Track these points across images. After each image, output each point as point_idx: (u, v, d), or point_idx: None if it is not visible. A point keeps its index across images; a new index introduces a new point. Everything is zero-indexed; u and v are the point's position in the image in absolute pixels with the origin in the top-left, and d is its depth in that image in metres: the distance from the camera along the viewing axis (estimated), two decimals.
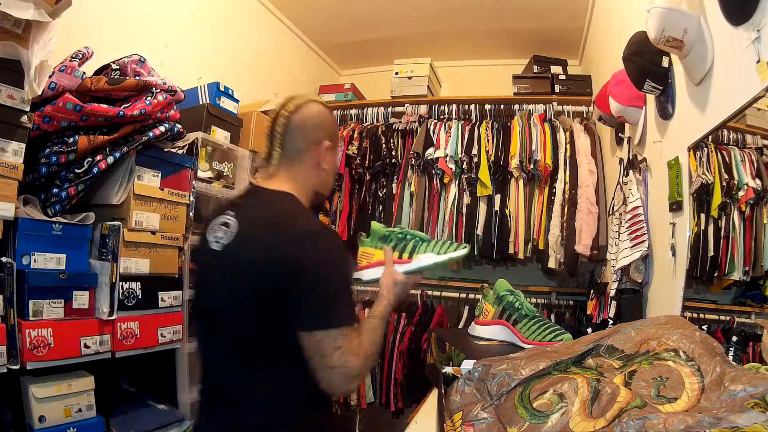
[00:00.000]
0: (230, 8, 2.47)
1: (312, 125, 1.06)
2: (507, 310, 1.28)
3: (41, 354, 1.22)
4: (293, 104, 1.06)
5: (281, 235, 0.92)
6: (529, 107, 2.77)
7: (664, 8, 1.11)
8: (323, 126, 1.07)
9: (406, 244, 1.09)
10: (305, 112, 1.05)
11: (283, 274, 0.89)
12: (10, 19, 1.13)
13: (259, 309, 0.92)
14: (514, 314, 1.27)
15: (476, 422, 0.74)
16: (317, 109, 1.07)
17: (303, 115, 1.05)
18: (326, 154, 1.07)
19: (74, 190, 1.36)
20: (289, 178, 1.04)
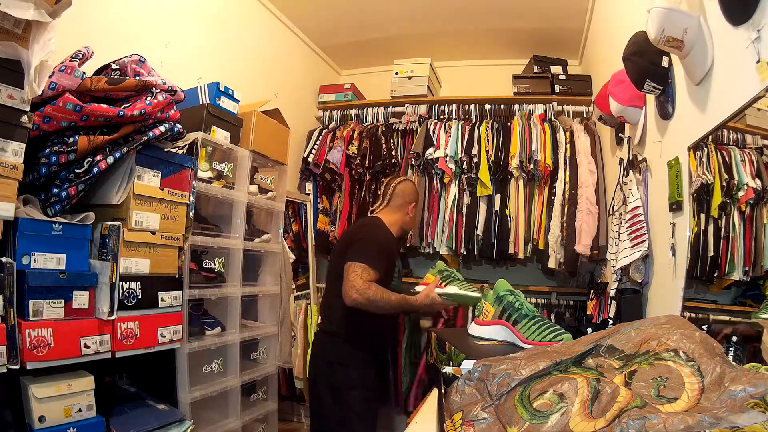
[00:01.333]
0: (230, 8, 2.47)
1: (406, 194, 2.03)
2: (507, 310, 1.28)
3: (41, 354, 1.22)
4: (398, 179, 2.08)
5: (361, 227, 1.98)
6: (529, 107, 2.77)
7: (664, 8, 1.11)
8: (409, 195, 2.03)
9: (448, 278, 1.75)
10: (402, 187, 2.03)
11: (352, 240, 1.82)
12: (10, 19, 1.13)
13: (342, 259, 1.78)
14: (514, 314, 1.27)
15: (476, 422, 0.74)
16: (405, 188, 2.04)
17: (401, 189, 2.03)
18: (411, 210, 2.03)
19: (74, 190, 1.36)
20: (386, 214, 1.99)
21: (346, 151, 2.90)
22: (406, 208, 1.99)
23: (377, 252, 1.74)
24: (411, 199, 2.01)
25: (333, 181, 2.98)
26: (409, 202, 2.00)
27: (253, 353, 2.14)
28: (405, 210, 1.99)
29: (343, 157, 2.89)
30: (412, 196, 2.02)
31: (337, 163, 2.88)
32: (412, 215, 2.02)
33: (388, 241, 1.86)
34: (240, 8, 2.56)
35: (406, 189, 2.01)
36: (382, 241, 1.82)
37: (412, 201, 2.01)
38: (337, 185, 2.99)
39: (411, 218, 2.02)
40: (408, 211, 2.00)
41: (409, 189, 2.02)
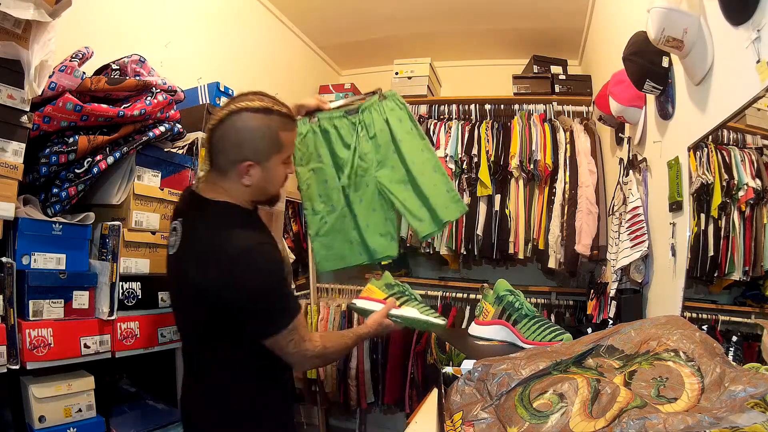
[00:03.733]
0: (230, 8, 2.47)
1: (233, 143, 1.08)
2: (507, 310, 1.28)
3: (41, 354, 1.22)
4: (217, 116, 1.08)
5: (215, 259, 1.04)
6: (529, 107, 2.77)
7: (664, 8, 1.11)
8: (247, 143, 1.07)
9: (402, 296, 1.39)
10: (225, 128, 1.07)
11: (220, 296, 1.04)
12: (10, 19, 1.13)
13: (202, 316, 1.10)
14: (514, 314, 1.27)
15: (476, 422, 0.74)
16: (239, 124, 1.06)
17: (222, 132, 1.07)
18: (251, 172, 1.09)
19: (74, 190, 1.36)
20: (224, 189, 1.12)
21: None
22: (238, 171, 1.08)
23: (282, 293, 1.08)
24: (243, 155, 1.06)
25: None
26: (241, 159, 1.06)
27: None
28: (237, 176, 1.08)
29: None
30: (245, 146, 1.06)
31: None
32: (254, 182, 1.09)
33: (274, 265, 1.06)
34: (240, 8, 2.55)
35: (229, 135, 1.05)
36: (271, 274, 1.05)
37: (245, 157, 1.06)
38: None
39: (256, 187, 1.11)
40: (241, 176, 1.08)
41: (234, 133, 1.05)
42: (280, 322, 1.06)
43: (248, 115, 1.06)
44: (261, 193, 1.15)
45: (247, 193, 1.13)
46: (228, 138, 1.07)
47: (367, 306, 1.39)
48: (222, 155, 1.09)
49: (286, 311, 1.08)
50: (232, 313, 1.05)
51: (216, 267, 1.03)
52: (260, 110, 1.06)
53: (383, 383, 2.72)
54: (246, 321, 1.06)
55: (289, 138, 1.13)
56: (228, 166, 1.09)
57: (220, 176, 1.11)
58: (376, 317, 1.33)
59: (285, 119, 1.11)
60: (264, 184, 1.13)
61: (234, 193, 1.11)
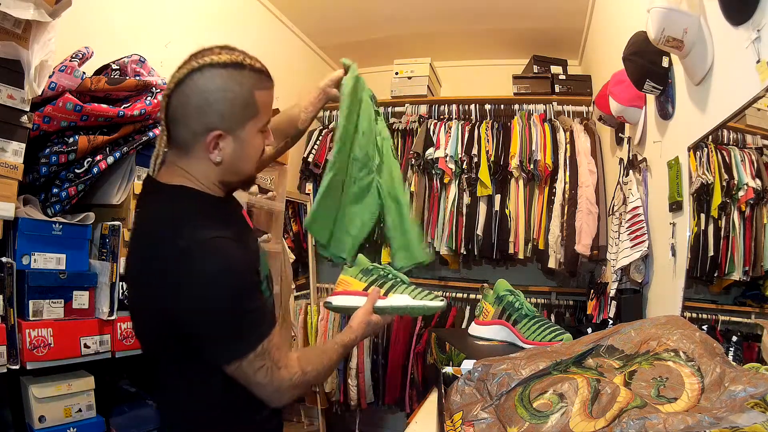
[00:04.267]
0: (230, 8, 2.47)
1: (195, 110, 0.81)
2: (507, 310, 1.28)
3: (41, 354, 1.22)
4: (174, 78, 0.81)
5: (155, 259, 0.81)
6: (529, 107, 2.77)
7: (664, 8, 1.11)
8: (213, 108, 0.81)
9: (386, 281, 1.11)
10: (185, 90, 0.81)
11: (164, 307, 0.81)
12: (10, 19, 1.13)
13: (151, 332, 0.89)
14: (514, 314, 1.27)
15: (476, 422, 0.74)
16: (202, 85, 0.80)
17: (181, 97, 0.81)
18: (221, 145, 0.84)
19: (74, 190, 1.36)
20: (184, 170, 0.86)
21: None
22: (203, 144, 0.83)
23: (243, 310, 0.81)
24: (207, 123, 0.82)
25: None
26: (205, 129, 0.82)
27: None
28: (201, 150, 0.84)
29: None
30: (210, 111, 0.82)
31: None
32: (225, 157, 0.85)
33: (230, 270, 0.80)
34: (240, 8, 2.55)
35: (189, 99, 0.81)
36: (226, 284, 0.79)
37: (211, 126, 0.82)
38: None
39: (227, 163, 0.86)
40: (208, 150, 0.84)
41: (196, 95, 0.81)
42: (241, 345, 0.80)
43: (213, 72, 0.80)
44: (233, 172, 0.89)
45: (215, 173, 0.87)
46: (189, 104, 0.81)
47: (345, 303, 1.10)
48: (182, 127, 0.83)
49: (251, 329, 0.81)
50: (180, 331, 0.81)
51: (156, 270, 0.81)
52: (229, 65, 0.81)
53: (383, 383, 2.72)
54: (198, 342, 0.81)
55: (265, 99, 0.87)
56: (190, 141, 0.83)
57: (180, 155, 0.86)
58: (359, 316, 1.04)
59: (260, 75, 0.85)
60: (237, 159, 0.87)
61: (197, 173, 0.86)
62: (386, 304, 1.08)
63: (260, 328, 0.83)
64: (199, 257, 0.78)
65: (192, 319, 0.80)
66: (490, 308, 1.33)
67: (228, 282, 0.79)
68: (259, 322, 0.83)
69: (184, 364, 0.86)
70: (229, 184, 0.92)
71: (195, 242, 0.78)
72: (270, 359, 0.82)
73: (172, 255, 0.79)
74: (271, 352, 0.83)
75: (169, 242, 0.80)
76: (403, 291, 1.10)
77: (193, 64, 0.81)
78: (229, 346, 0.81)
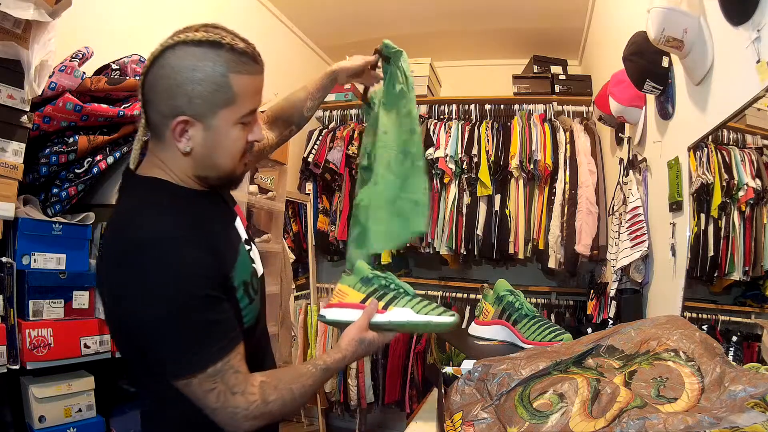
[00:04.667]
0: (230, 8, 2.47)
1: (163, 90, 0.73)
2: (507, 310, 1.28)
3: (41, 354, 1.22)
4: (152, 54, 0.73)
5: (107, 256, 0.74)
6: (529, 107, 2.77)
7: (664, 8, 1.11)
8: (180, 89, 0.72)
9: (387, 293, 0.95)
10: (156, 69, 0.72)
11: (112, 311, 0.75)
12: (10, 19, 1.13)
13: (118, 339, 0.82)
14: (514, 314, 1.27)
15: (476, 422, 0.74)
16: (173, 62, 0.72)
17: (153, 74, 0.73)
18: (189, 133, 0.74)
19: (74, 190, 1.36)
20: (160, 160, 0.79)
21: (346, 151, 2.90)
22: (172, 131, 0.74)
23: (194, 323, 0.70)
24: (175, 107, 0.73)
25: (333, 181, 2.98)
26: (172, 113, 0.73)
27: None
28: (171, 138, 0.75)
29: (343, 157, 2.89)
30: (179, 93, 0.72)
31: (338, 163, 2.88)
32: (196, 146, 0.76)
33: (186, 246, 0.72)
34: (240, 8, 2.56)
35: (159, 80, 0.73)
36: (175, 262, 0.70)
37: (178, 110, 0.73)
38: (337, 185, 2.99)
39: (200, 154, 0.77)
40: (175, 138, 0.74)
41: (166, 76, 0.72)
42: (188, 362, 0.69)
43: (186, 49, 0.72)
44: (207, 166, 0.78)
45: (189, 166, 0.78)
46: (158, 84, 0.73)
47: (340, 317, 0.95)
48: (153, 109, 0.75)
49: (201, 346, 0.70)
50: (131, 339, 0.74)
51: (106, 268, 0.73)
52: (204, 43, 0.72)
53: (383, 383, 2.72)
54: (149, 356, 0.73)
55: (245, 85, 0.75)
56: (161, 126, 0.75)
57: (157, 143, 0.78)
58: (351, 333, 0.88)
59: (242, 57, 0.74)
60: (209, 151, 0.76)
61: (172, 165, 0.78)
62: (385, 319, 0.92)
63: (214, 346, 0.71)
64: (145, 258, 0.69)
65: (134, 328, 0.71)
66: (490, 308, 1.33)
67: (174, 288, 0.68)
68: (214, 339, 0.71)
69: (152, 377, 0.76)
70: (206, 180, 0.80)
71: (143, 239, 0.70)
72: (224, 382, 0.71)
73: (118, 253, 0.71)
74: (226, 374, 0.71)
75: (119, 239, 0.73)
76: (406, 304, 0.93)
77: (168, 41, 0.73)
78: (175, 362, 0.70)
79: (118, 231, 0.75)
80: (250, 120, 0.78)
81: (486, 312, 1.34)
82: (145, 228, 0.71)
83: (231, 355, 0.72)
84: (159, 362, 0.73)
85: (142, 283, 0.68)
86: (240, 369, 0.73)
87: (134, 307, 0.70)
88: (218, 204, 0.87)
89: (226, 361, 0.71)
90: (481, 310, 1.36)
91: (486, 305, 1.35)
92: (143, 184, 0.78)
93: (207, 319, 0.71)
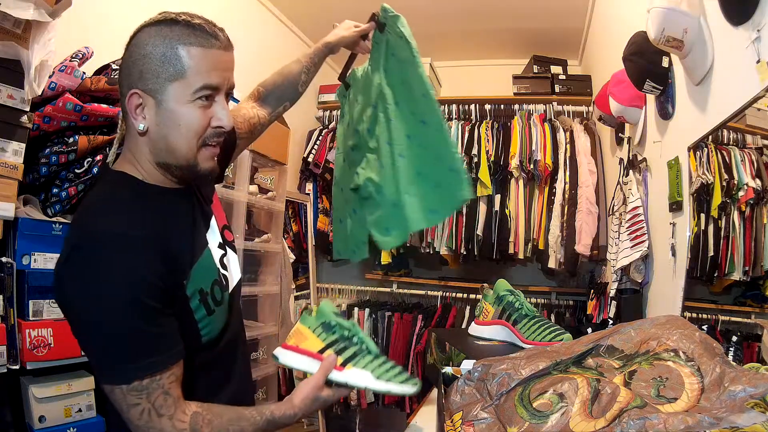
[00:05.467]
0: (230, 8, 2.47)
1: (122, 70, 0.74)
2: (507, 310, 1.28)
3: (41, 354, 1.22)
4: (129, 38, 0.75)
5: (62, 249, 0.70)
6: (529, 107, 2.77)
7: (664, 8, 1.11)
8: (134, 65, 0.72)
9: (348, 347, 0.86)
10: (125, 52, 0.74)
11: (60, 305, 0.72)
12: (10, 19, 1.13)
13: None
14: (514, 314, 1.27)
15: (476, 422, 0.74)
16: (132, 44, 0.73)
17: (123, 58, 0.74)
18: (143, 109, 0.72)
19: (74, 190, 1.36)
20: (129, 151, 0.77)
21: None
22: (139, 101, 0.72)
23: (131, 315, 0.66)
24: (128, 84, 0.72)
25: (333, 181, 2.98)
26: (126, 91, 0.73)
27: (253, 353, 2.14)
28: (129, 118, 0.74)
29: None
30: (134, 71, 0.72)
31: None
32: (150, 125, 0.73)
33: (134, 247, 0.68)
34: (240, 8, 2.55)
35: (124, 61, 0.74)
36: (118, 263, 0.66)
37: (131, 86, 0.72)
38: None
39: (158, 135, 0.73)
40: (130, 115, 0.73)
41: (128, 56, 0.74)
42: (113, 370, 0.66)
43: (145, 30, 0.73)
44: (164, 150, 0.74)
45: (148, 150, 0.74)
46: (121, 67, 0.74)
47: (294, 364, 0.87)
48: (120, 93, 0.75)
49: (129, 356, 0.66)
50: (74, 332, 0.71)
51: (58, 260, 0.70)
52: (161, 21, 0.73)
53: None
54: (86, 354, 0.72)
55: (198, 57, 0.72)
56: (124, 108, 0.74)
57: (127, 131, 0.77)
58: (305, 390, 0.81)
59: (195, 30, 0.73)
60: (163, 129, 0.72)
61: (137, 154, 0.75)
62: (342, 379, 0.83)
63: (142, 360, 0.66)
64: (90, 254, 0.66)
65: (72, 322, 0.70)
66: (490, 308, 1.33)
67: (111, 290, 0.65)
68: (144, 352, 0.66)
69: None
70: (169, 169, 0.76)
71: (92, 235, 0.68)
72: (149, 401, 0.66)
73: (69, 246, 0.69)
74: (153, 393, 0.66)
75: (73, 232, 0.72)
76: (366, 365, 0.84)
77: (137, 27, 0.74)
78: (100, 366, 0.68)
79: (74, 224, 0.74)
80: (209, 100, 0.74)
81: (486, 312, 1.34)
82: (97, 224, 0.69)
83: (162, 375, 0.67)
84: (92, 364, 0.71)
85: (82, 280, 0.65)
86: (170, 392, 0.68)
87: (72, 302, 0.68)
88: (189, 204, 0.82)
89: (156, 379, 0.66)
90: (481, 310, 1.36)
91: (486, 305, 1.35)
92: (111, 179, 0.77)
93: (140, 330, 0.66)
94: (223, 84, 0.75)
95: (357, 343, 0.86)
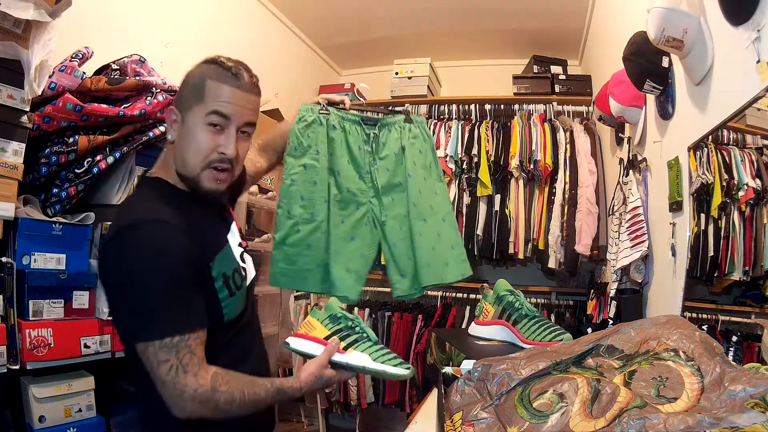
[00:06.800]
0: (230, 8, 2.47)
1: (176, 93, 0.96)
2: (507, 310, 1.28)
3: (41, 354, 1.22)
4: None
5: (104, 241, 0.89)
6: (529, 107, 2.77)
7: (664, 8, 1.11)
8: (180, 90, 0.94)
9: (350, 334, 1.00)
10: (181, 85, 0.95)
11: (103, 282, 0.89)
12: (10, 19, 1.13)
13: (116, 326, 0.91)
14: (514, 314, 1.27)
15: (476, 422, 0.74)
16: (187, 73, 0.94)
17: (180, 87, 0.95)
18: (175, 123, 0.90)
19: (74, 190, 1.36)
20: (164, 161, 0.95)
21: None
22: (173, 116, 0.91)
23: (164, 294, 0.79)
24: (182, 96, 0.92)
25: None
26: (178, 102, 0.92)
27: None
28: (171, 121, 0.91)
29: None
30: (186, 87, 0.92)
31: None
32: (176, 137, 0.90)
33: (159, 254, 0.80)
34: (240, 8, 2.55)
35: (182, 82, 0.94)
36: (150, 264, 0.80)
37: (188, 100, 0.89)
38: None
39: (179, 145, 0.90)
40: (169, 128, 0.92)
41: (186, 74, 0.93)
42: (150, 327, 0.78)
43: (196, 66, 0.94)
44: (181, 161, 0.89)
45: (174, 160, 0.91)
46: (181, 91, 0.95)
47: (302, 348, 1.02)
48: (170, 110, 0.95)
49: (165, 317, 0.78)
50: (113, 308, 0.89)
51: (101, 250, 0.89)
52: (207, 61, 0.93)
53: (383, 383, 2.72)
54: (120, 315, 0.85)
55: (218, 90, 0.88)
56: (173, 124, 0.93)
57: (167, 142, 0.95)
58: (311, 368, 0.94)
59: (224, 71, 0.89)
60: (182, 143, 0.89)
61: (168, 161, 0.93)
62: (343, 360, 0.97)
63: (178, 321, 0.79)
64: (131, 235, 0.81)
65: (112, 291, 0.84)
66: (490, 308, 1.33)
67: (154, 262, 0.79)
68: (180, 315, 0.80)
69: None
70: (183, 178, 0.91)
71: (132, 222, 0.83)
72: (177, 358, 0.77)
73: (111, 235, 0.84)
74: (181, 351, 0.78)
75: (113, 225, 0.86)
76: (365, 349, 0.98)
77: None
78: (138, 323, 0.80)
79: (116, 216, 0.89)
80: (218, 126, 0.88)
81: (486, 312, 1.34)
82: (135, 215, 0.84)
83: (189, 335, 0.79)
84: (126, 321, 0.83)
85: (126, 252, 0.80)
86: (196, 351, 0.80)
87: (115, 269, 0.81)
88: (212, 208, 0.98)
89: (184, 338, 0.78)
90: (481, 310, 1.36)
91: (486, 305, 1.35)
92: (146, 183, 0.94)
93: (178, 297, 0.80)
94: (234, 117, 0.89)
95: (358, 332, 1.00)
